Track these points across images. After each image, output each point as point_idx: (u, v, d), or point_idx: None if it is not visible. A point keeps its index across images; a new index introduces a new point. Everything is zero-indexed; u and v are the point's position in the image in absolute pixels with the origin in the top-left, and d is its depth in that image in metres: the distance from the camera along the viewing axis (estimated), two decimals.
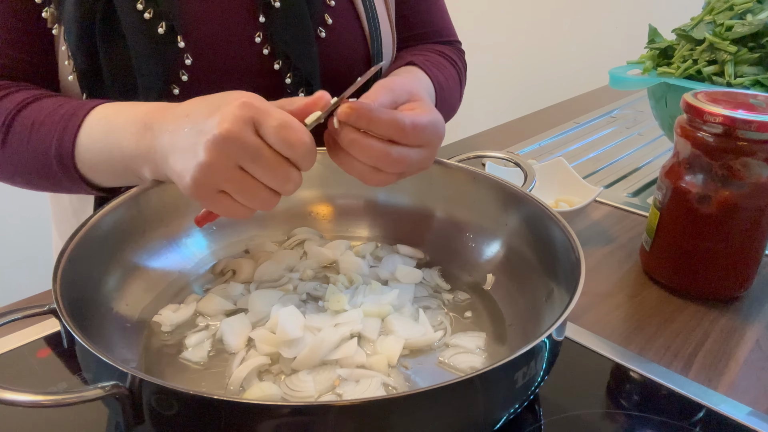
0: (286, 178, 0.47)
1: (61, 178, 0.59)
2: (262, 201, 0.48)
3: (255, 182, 0.47)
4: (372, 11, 0.75)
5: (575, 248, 0.47)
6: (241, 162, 0.46)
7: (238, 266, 0.60)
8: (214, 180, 0.46)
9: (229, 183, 0.46)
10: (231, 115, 0.45)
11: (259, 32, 0.68)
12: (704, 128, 0.58)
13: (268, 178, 0.46)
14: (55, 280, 0.43)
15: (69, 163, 0.58)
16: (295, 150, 0.46)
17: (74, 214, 0.77)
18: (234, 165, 0.46)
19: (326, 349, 0.48)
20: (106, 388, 0.36)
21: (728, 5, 0.85)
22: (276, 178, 0.47)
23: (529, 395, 0.41)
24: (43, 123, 0.59)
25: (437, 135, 0.53)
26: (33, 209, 1.49)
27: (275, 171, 0.46)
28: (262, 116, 0.46)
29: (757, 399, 0.50)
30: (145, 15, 0.62)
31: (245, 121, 0.45)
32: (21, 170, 0.62)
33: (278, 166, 0.46)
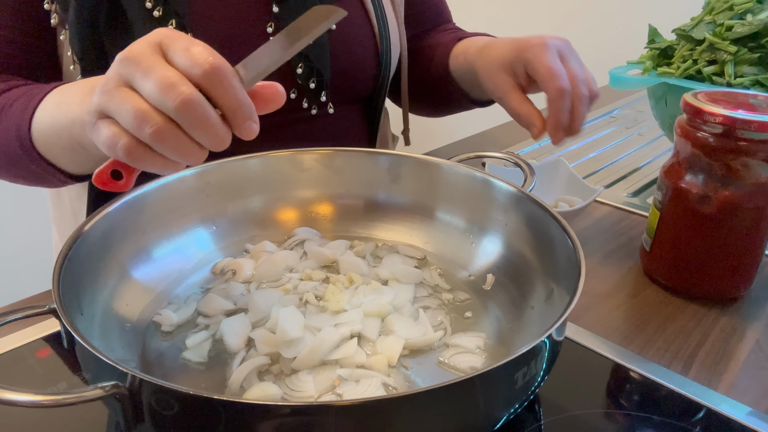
0: (180, 97, 0.37)
1: (25, 160, 0.58)
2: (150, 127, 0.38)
3: (140, 100, 0.39)
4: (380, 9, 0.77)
5: (575, 248, 0.47)
6: (132, 79, 0.39)
7: (238, 266, 0.60)
8: (102, 102, 0.40)
9: (114, 102, 0.39)
10: (141, 39, 0.40)
11: (272, 22, 0.68)
12: (704, 128, 0.58)
13: (156, 94, 0.38)
14: (55, 280, 0.43)
15: (27, 143, 0.56)
16: (203, 69, 0.38)
17: (73, 215, 0.77)
18: (123, 82, 0.39)
19: (326, 349, 0.48)
20: (106, 388, 0.36)
21: (728, 5, 0.85)
22: (166, 95, 0.37)
23: (529, 395, 0.41)
24: (11, 107, 0.58)
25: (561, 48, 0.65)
26: (33, 209, 1.49)
27: (165, 87, 0.38)
28: (171, 41, 0.40)
29: (757, 399, 0.50)
30: (154, 13, 0.62)
31: (150, 44, 0.40)
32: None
33: (171, 81, 0.38)
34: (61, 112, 0.53)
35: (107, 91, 0.40)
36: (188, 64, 0.38)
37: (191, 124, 0.39)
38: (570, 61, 0.64)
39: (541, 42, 0.63)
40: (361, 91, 0.79)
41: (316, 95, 0.73)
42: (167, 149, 0.39)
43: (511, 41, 0.67)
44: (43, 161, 0.58)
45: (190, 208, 0.60)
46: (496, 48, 0.69)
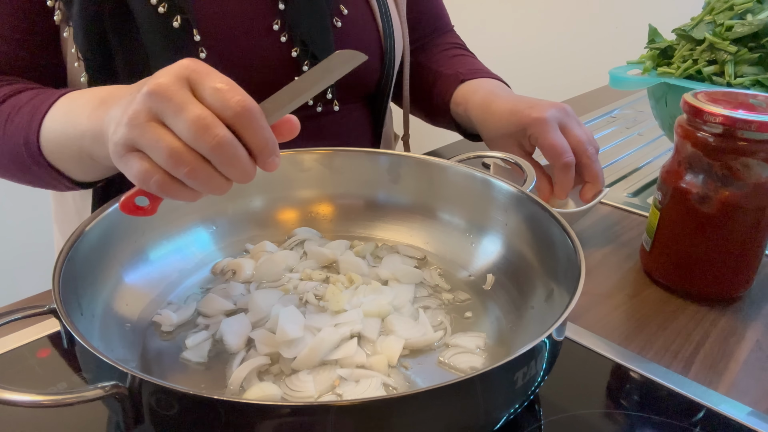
0: (215, 140, 0.39)
1: (33, 167, 0.59)
2: (186, 167, 0.40)
3: (174, 140, 0.40)
4: (385, 7, 0.77)
5: (575, 248, 0.47)
6: (163, 115, 0.40)
7: (238, 266, 0.60)
8: (132, 136, 0.40)
9: (146, 139, 0.40)
10: (167, 71, 0.41)
11: (278, 20, 0.68)
12: (704, 128, 0.58)
13: (192, 138, 0.39)
14: (55, 280, 0.43)
15: (35, 149, 0.57)
16: (234, 111, 0.39)
17: (77, 214, 0.77)
18: (154, 117, 0.40)
19: (326, 349, 0.48)
20: (106, 388, 0.36)
21: (728, 5, 0.85)
22: (201, 139, 0.39)
23: (529, 395, 0.41)
24: (18, 114, 0.59)
25: (569, 116, 0.70)
26: (34, 209, 1.49)
27: (200, 130, 0.39)
28: (199, 76, 0.40)
29: (757, 399, 0.50)
30: (159, 9, 0.62)
31: (179, 77, 0.40)
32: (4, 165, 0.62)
33: (205, 123, 0.39)
34: (70, 123, 0.53)
35: (138, 126, 0.40)
36: (220, 105, 0.39)
37: (223, 163, 0.40)
38: (572, 128, 0.69)
39: (542, 118, 0.68)
40: (366, 88, 0.80)
41: (322, 93, 0.73)
42: (198, 185, 0.41)
43: (509, 109, 0.72)
44: (50, 168, 0.58)
45: (190, 208, 0.60)
46: (497, 115, 0.74)
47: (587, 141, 0.69)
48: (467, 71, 0.84)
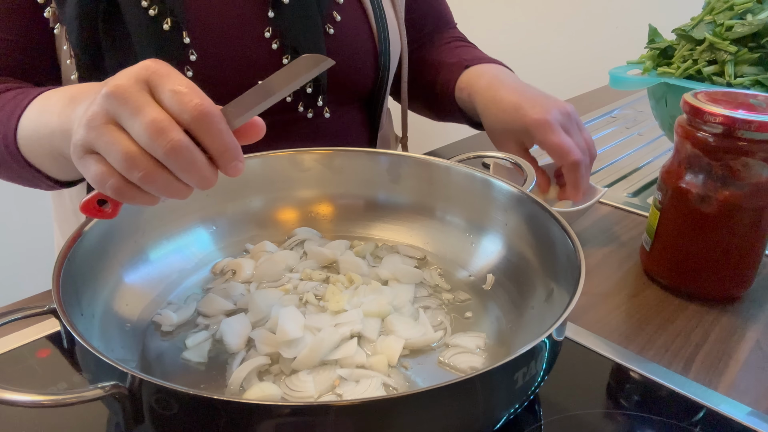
0: (170, 144, 0.38)
1: (15, 166, 0.59)
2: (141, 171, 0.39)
3: (129, 143, 0.39)
4: (380, 10, 0.76)
5: (575, 248, 0.47)
6: (120, 118, 0.39)
7: (238, 266, 0.60)
8: (89, 138, 0.40)
9: (102, 141, 0.39)
10: (127, 72, 0.40)
11: (269, 27, 0.68)
12: (704, 128, 0.58)
13: (148, 142, 0.38)
14: (55, 280, 0.43)
15: (14, 149, 0.57)
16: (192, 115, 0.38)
17: (74, 213, 0.77)
18: (111, 120, 0.40)
19: (326, 349, 0.48)
20: (106, 388, 0.36)
21: (728, 5, 0.85)
22: (156, 143, 0.38)
23: (529, 395, 0.41)
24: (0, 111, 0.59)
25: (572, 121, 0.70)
26: (33, 209, 1.49)
27: (156, 133, 0.38)
28: (159, 78, 0.40)
29: (757, 399, 0.50)
30: (150, 11, 0.62)
31: (138, 79, 0.40)
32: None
33: (160, 126, 0.38)
34: (42, 121, 0.53)
35: (95, 128, 0.39)
36: (177, 108, 0.39)
37: (180, 168, 0.39)
38: (573, 133, 0.69)
39: (544, 121, 0.68)
40: (360, 92, 0.79)
41: (313, 99, 0.73)
42: (155, 190, 0.40)
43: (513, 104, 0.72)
44: (30, 167, 0.58)
45: (190, 208, 0.60)
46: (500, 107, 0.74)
47: (585, 149, 0.69)
48: (471, 58, 0.84)
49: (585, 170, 0.68)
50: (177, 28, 0.63)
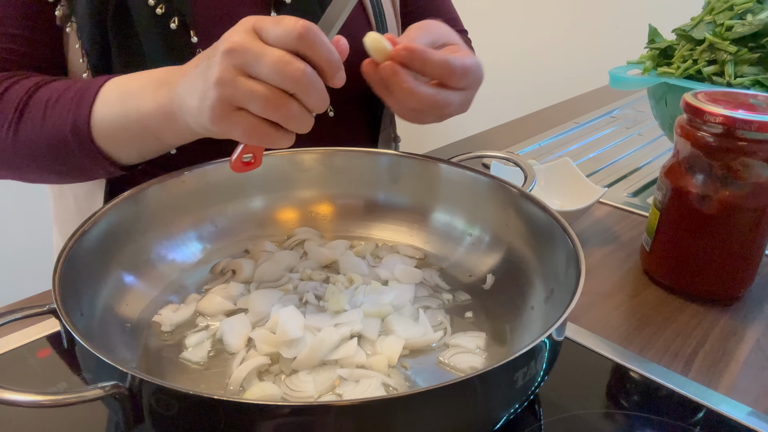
0: (295, 69, 0.43)
1: (78, 154, 0.59)
2: (280, 108, 0.44)
3: (266, 86, 0.44)
4: (379, 8, 0.76)
5: (575, 248, 0.47)
6: (247, 68, 0.44)
7: (238, 266, 0.60)
8: (226, 95, 0.45)
9: (239, 92, 0.44)
10: (234, 30, 0.45)
11: None
12: (704, 128, 0.58)
13: (277, 76, 0.44)
14: (55, 280, 0.43)
15: (85, 135, 0.57)
16: (295, 36, 0.43)
17: (79, 213, 0.77)
18: (242, 73, 0.44)
19: (326, 349, 0.48)
20: (106, 388, 0.36)
21: (728, 5, 0.85)
22: (285, 74, 0.43)
23: (529, 395, 0.41)
24: (58, 101, 0.59)
25: (478, 78, 0.57)
26: (33, 209, 1.49)
27: (281, 65, 0.43)
28: (263, 22, 0.45)
29: (757, 399, 0.50)
30: (157, 10, 0.62)
31: (247, 30, 0.45)
32: (35, 155, 0.61)
33: (282, 58, 0.43)
34: (130, 106, 0.55)
35: (229, 83, 0.44)
36: (283, 33, 0.43)
37: (308, 93, 0.44)
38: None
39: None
40: (361, 92, 0.79)
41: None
42: (293, 124, 0.45)
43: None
44: (98, 155, 0.58)
45: (190, 208, 0.60)
46: None
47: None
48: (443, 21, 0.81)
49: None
50: (184, 27, 0.64)
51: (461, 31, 0.91)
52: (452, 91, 0.54)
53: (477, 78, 0.56)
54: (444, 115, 0.56)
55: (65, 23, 0.64)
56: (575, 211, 0.71)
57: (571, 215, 0.71)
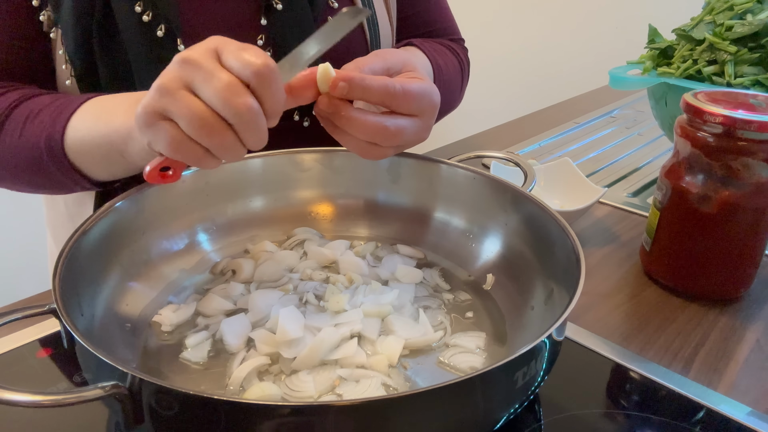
0: (240, 102, 0.41)
1: (52, 168, 0.59)
2: (212, 134, 0.42)
3: (204, 107, 0.42)
4: (372, 15, 0.76)
5: (575, 248, 0.47)
6: (193, 84, 0.42)
7: (238, 266, 0.60)
8: (160, 102, 0.42)
9: (174, 105, 0.42)
10: (196, 45, 0.44)
11: (261, 35, 0.67)
12: (704, 128, 0.58)
13: (219, 102, 0.41)
14: (55, 280, 0.43)
15: (58, 149, 0.57)
16: (255, 71, 0.41)
17: (70, 219, 0.77)
18: (183, 85, 0.42)
19: (326, 349, 0.48)
20: (106, 388, 0.36)
21: (728, 5, 0.85)
22: (228, 102, 0.41)
23: (529, 395, 0.41)
24: (37, 116, 0.59)
25: (431, 104, 0.53)
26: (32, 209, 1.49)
27: (227, 92, 0.41)
28: (225, 44, 0.43)
29: (757, 399, 0.50)
30: (143, 17, 0.61)
31: (207, 49, 0.43)
32: (10, 166, 0.61)
33: (231, 86, 0.41)
34: (102, 122, 0.54)
35: (169, 92, 0.42)
36: (242, 64, 0.42)
37: (247, 128, 0.42)
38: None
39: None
40: None
41: (308, 107, 0.72)
42: (222, 151, 0.43)
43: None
44: (71, 170, 0.58)
45: (190, 208, 0.60)
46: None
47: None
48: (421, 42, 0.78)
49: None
50: (171, 34, 0.63)
51: (457, 40, 0.89)
52: (403, 118, 0.51)
53: (428, 102, 0.53)
54: (401, 146, 0.53)
55: (50, 29, 0.63)
56: (575, 211, 0.71)
57: (571, 215, 0.71)
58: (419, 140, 0.54)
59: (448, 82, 0.78)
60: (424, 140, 0.55)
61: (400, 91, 0.50)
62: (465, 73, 0.85)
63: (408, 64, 0.55)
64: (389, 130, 0.50)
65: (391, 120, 0.50)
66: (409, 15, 0.83)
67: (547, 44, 2.00)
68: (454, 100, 0.83)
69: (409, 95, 0.50)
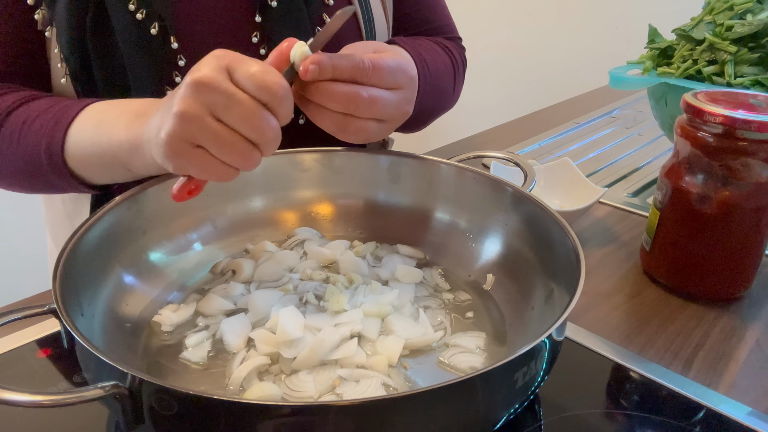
0: (265, 125, 0.44)
1: (50, 174, 0.59)
2: (241, 154, 0.45)
3: (232, 132, 0.44)
4: (368, 12, 0.75)
5: (575, 248, 0.47)
6: (216, 110, 0.44)
7: (238, 266, 0.60)
8: (188, 131, 0.44)
9: (204, 134, 0.44)
10: (205, 63, 0.44)
11: (256, 32, 0.67)
12: (704, 128, 0.58)
13: (245, 127, 0.44)
14: (55, 280, 0.43)
15: (58, 158, 0.57)
16: (272, 93, 0.44)
17: (68, 218, 0.77)
18: (208, 113, 0.44)
19: (326, 349, 0.48)
20: (106, 388, 0.36)
21: (728, 5, 0.85)
22: (254, 127, 0.44)
23: (529, 395, 0.41)
24: (35, 121, 0.59)
25: (405, 75, 0.53)
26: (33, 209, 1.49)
27: (252, 117, 0.44)
28: (236, 63, 0.44)
29: (757, 399, 0.50)
30: (137, 15, 0.61)
31: (219, 68, 0.44)
32: (8, 170, 0.62)
33: (255, 111, 0.44)
34: (103, 134, 0.55)
35: (194, 121, 0.43)
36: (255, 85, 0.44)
37: (270, 145, 0.46)
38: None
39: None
40: None
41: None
42: (249, 167, 0.46)
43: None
44: (70, 176, 0.59)
45: (190, 207, 0.60)
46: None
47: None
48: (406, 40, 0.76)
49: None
50: (165, 32, 0.62)
51: (453, 38, 0.88)
52: (379, 89, 0.51)
53: (403, 74, 0.53)
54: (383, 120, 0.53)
55: (44, 27, 0.63)
56: (575, 211, 0.71)
57: (571, 215, 0.71)
58: (402, 114, 0.54)
59: (435, 76, 0.77)
60: (408, 114, 0.55)
61: (369, 66, 0.50)
62: (459, 71, 0.85)
63: (378, 48, 0.56)
64: (362, 97, 0.50)
65: (365, 89, 0.50)
66: (405, 13, 0.83)
67: (547, 44, 2.00)
68: (446, 99, 0.82)
69: (380, 68, 0.51)
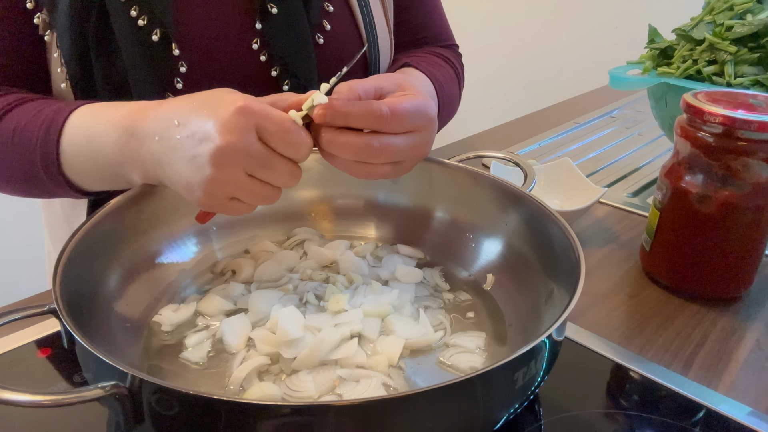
0: (292, 176, 0.49)
1: (50, 185, 0.59)
2: (269, 199, 0.50)
3: (262, 184, 0.48)
4: (369, 18, 0.75)
5: (575, 248, 0.47)
6: (251, 170, 0.47)
7: (238, 266, 0.60)
8: (225, 191, 0.48)
9: (239, 191, 0.48)
10: (231, 124, 0.45)
11: (257, 39, 0.67)
12: (704, 128, 0.58)
13: (276, 180, 0.48)
14: (55, 280, 0.43)
15: (55, 170, 0.57)
16: (300, 152, 0.48)
17: (66, 220, 0.77)
18: (243, 174, 0.47)
19: (326, 349, 0.48)
20: (106, 388, 0.36)
21: (728, 5, 0.85)
22: (283, 178, 0.49)
23: (529, 395, 0.41)
24: (25, 128, 0.58)
25: (425, 118, 0.52)
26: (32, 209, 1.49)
27: (282, 171, 0.48)
28: (262, 121, 0.46)
29: (757, 399, 0.50)
30: (139, 22, 0.61)
31: (248, 129, 0.46)
32: (7, 177, 0.61)
33: (285, 166, 0.48)
34: (96, 150, 0.55)
35: (231, 182, 0.47)
36: (289, 151, 0.48)
37: (292, 186, 0.50)
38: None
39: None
40: None
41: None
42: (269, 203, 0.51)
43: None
44: (69, 186, 0.59)
45: (190, 207, 0.60)
46: None
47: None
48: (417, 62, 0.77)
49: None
50: (166, 39, 0.62)
51: (450, 46, 0.88)
52: (392, 136, 0.50)
53: (423, 117, 0.52)
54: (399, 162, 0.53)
55: (44, 32, 0.63)
56: (575, 211, 0.71)
57: (571, 215, 0.71)
58: (420, 154, 0.54)
59: (449, 95, 0.78)
60: (426, 155, 0.55)
61: (387, 114, 0.49)
62: (461, 80, 0.86)
63: (403, 85, 0.54)
64: (373, 147, 0.49)
65: (377, 139, 0.49)
66: (403, 20, 0.83)
67: (547, 44, 2.01)
68: (453, 109, 0.83)
69: (399, 114, 0.50)
